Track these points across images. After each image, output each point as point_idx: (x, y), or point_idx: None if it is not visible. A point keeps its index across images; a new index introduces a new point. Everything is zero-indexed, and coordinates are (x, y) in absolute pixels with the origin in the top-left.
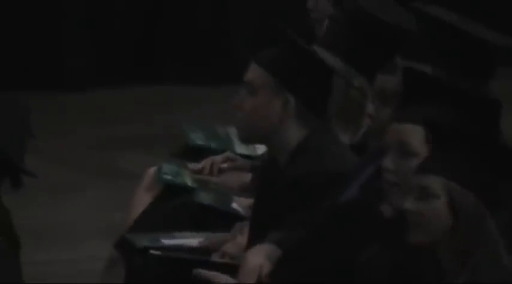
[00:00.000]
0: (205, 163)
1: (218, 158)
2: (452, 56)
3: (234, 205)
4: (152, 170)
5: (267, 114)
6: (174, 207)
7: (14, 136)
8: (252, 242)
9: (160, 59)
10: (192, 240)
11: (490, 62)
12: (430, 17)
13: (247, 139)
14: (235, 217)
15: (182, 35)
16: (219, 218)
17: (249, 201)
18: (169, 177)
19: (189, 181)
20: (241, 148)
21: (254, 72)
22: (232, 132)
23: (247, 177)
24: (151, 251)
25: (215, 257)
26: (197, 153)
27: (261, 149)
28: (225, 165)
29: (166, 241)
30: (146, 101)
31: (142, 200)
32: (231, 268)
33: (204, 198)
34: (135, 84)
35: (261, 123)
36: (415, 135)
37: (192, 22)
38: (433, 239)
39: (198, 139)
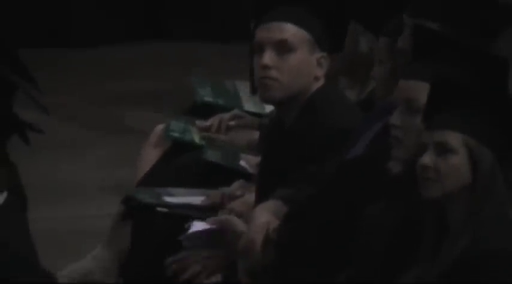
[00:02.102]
0: (213, 120)
1: (226, 116)
2: (460, 13)
3: (242, 163)
4: (160, 127)
5: (307, 71)
6: (182, 164)
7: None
8: (259, 199)
9: (169, 16)
10: (198, 197)
11: (498, 20)
12: None
13: (280, 99)
14: (243, 174)
15: None
16: (226, 176)
17: (256, 159)
18: (176, 134)
19: (196, 139)
20: (249, 105)
21: (288, 31)
22: (241, 87)
23: (255, 134)
24: (158, 208)
25: (222, 214)
26: (205, 110)
27: (269, 107)
28: (232, 123)
29: (173, 198)
30: (154, 58)
31: (150, 157)
32: None
33: (212, 155)
34: (143, 40)
35: (301, 81)
36: (423, 92)
37: None
38: (448, 194)
39: (206, 95)
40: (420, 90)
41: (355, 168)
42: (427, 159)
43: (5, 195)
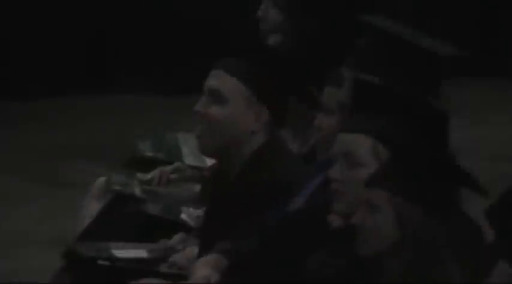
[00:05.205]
0: (154, 173)
1: (167, 169)
2: (398, 66)
3: (183, 216)
4: (102, 180)
5: (239, 124)
6: (122, 217)
7: None
8: (202, 252)
9: (111, 68)
10: (139, 250)
11: (436, 72)
12: (375, 28)
13: (211, 151)
14: (184, 227)
15: (133, 43)
16: (167, 229)
17: (198, 212)
18: (118, 187)
19: (138, 192)
20: (189, 159)
21: (224, 81)
22: (182, 140)
23: (196, 187)
24: (100, 261)
25: (164, 268)
26: (147, 163)
27: (210, 160)
28: (174, 176)
29: (115, 252)
30: (96, 110)
31: (92, 209)
32: (180, 279)
33: (153, 208)
34: (86, 93)
35: (231, 133)
36: (362, 145)
37: (142, 31)
38: (379, 252)
39: (146, 149)
40: (359, 143)
41: (295, 221)
42: (354, 217)
43: None
